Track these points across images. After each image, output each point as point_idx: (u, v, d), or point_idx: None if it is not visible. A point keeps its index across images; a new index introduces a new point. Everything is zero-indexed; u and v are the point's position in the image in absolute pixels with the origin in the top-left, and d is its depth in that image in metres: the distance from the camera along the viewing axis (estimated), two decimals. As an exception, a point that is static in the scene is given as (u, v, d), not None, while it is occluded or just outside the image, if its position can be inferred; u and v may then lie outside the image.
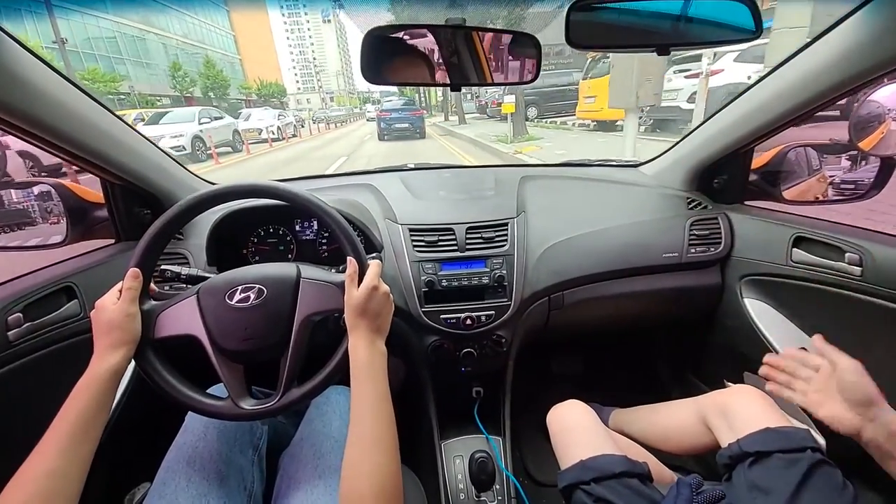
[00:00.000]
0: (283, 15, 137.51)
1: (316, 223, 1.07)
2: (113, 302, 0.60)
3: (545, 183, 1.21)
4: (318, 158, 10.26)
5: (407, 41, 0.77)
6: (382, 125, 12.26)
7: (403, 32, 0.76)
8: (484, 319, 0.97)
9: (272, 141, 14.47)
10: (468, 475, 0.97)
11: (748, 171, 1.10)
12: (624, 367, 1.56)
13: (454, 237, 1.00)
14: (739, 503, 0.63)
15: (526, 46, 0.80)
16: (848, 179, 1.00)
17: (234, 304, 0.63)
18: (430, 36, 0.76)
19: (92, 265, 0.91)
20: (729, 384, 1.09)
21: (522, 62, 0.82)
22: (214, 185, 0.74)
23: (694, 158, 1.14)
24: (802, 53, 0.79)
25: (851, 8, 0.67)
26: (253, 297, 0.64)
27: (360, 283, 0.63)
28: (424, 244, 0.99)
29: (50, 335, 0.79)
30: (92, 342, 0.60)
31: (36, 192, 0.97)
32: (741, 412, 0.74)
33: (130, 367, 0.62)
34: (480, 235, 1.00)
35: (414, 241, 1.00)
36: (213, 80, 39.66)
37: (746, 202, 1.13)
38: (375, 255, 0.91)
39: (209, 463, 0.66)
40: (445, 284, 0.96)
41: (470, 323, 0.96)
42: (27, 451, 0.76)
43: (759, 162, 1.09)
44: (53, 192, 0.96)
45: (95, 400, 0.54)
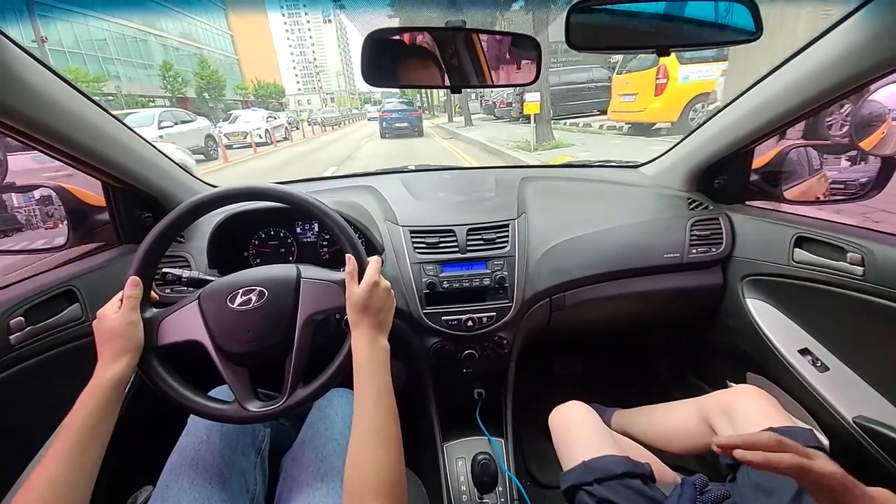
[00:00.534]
0: (283, 15, 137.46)
1: (317, 225, 1.07)
2: (114, 311, 0.60)
3: (546, 184, 1.21)
4: (308, 163, 9.67)
5: (407, 43, 0.77)
6: (384, 124, 13.38)
7: (404, 35, 0.76)
8: (485, 321, 0.97)
9: (257, 146, 12.76)
10: (470, 477, 0.97)
11: (749, 171, 1.10)
12: (626, 367, 1.56)
13: (455, 238, 1.00)
14: (743, 503, 0.63)
15: (525, 48, 0.80)
16: (848, 179, 1.00)
17: (235, 307, 0.63)
18: (430, 38, 0.77)
19: (93, 268, 0.91)
20: (731, 384, 1.09)
21: (522, 64, 0.82)
22: (215, 187, 0.74)
23: (694, 159, 1.14)
24: (802, 54, 0.79)
25: (852, 8, 0.67)
26: (254, 299, 0.64)
27: (360, 280, 0.63)
28: (425, 246, 0.99)
29: (51, 339, 0.79)
30: (94, 345, 0.60)
31: (37, 195, 0.97)
32: (744, 412, 0.74)
33: None
34: (481, 237, 1.00)
35: (415, 242, 1.00)
36: (206, 80, 38.49)
37: (747, 202, 1.13)
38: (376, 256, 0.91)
39: (212, 466, 0.66)
40: (446, 286, 0.96)
41: (471, 324, 0.96)
42: (30, 453, 0.77)
43: (759, 162, 1.09)
44: (54, 195, 0.96)
45: (99, 409, 0.54)
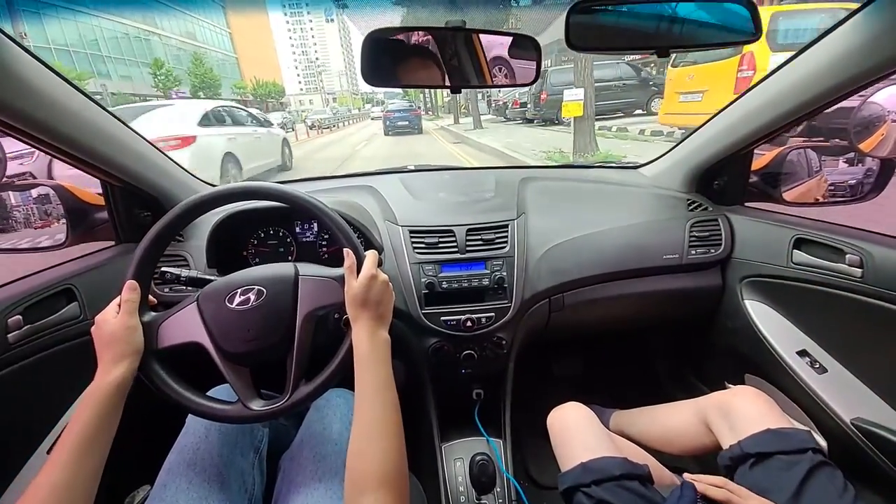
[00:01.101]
0: (285, 14, 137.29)
1: (316, 225, 1.07)
2: (113, 315, 0.60)
3: (545, 184, 1.21)
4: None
5: (407, 43, 0.77)
6: (388, 122, 15.17)
7: (403, 35, 0.76)
8: (484, 321, 0.97)
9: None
10: (469, 477, 0.97)
11: (748, 172, 1.10)
12: (624, 368, 1.56)
13: (454, 239, 1.00)
14: None
15: (526, 48, 0.80)
16: (848, 181, 1.00)
17: (234, 307, 0.63)
18: (430, 38, 0.77)
19: (92, 267, 0.91)
20: (729, 385, 1.09)
21: (522, 64, 0.82)
22: (214, 186, 0.74)
23: (694, 160, 1.14)
24: (802, 55, 0.79)
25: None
26: (253, 298, 0.64)
27: (358, 274, 0.63)
28: (424, 246, 0.99)
29: (50, 337, 0.79)
30: (92, 344, 0.60)
31: (34, 194, 0.97)
32: (742, 413, 0.74)
33: None
34: (480, 237, 1.00)
35: (414, 242, 1.00)
36: (200, 78, 36.73)
37: (747, 204, 1.13)
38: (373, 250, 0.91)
39: (210, 465, 0.66)
40: (446, 286, 0.96)
41: (470, 325, 0.96)
42: (28, 451, 0.77)
43: (759, 163, 1.09)
44: (52, 194, 0.96)
45: (101, 414, 0.54)
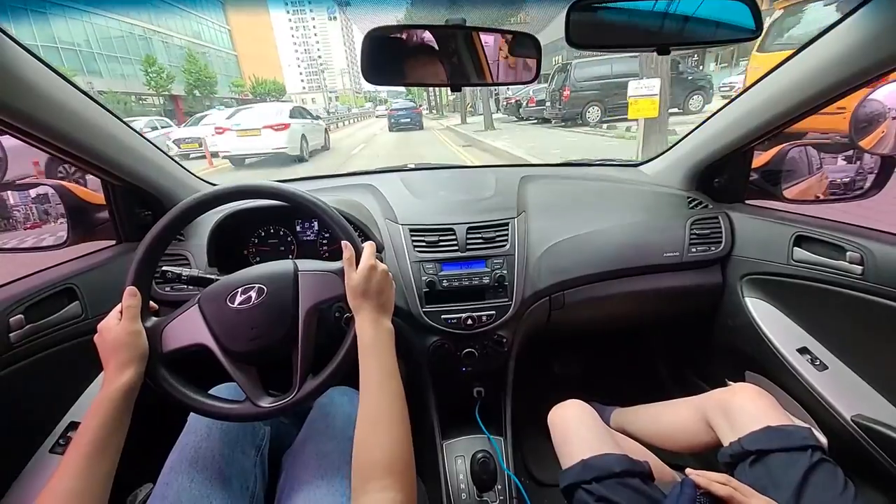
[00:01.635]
0: (287, 12, 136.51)
1: (317, 224, 1.07)
2: (115, 322, 0.60)
3: (545, 182, 1.21)
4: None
5: (407, 42, 0.77)
6: (392, 120, 16.76)
7: (403, 33, 0.76)
8: (485, 319, 0.97)
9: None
10: (470, 475, 0.97)
11: (749, 170, 1.10)
12: (625, 366, 1.56)
13: (455, 237, 1.00)
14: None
15: (526, 46, 0.80)
16: (848, 178, 1.00)
17: (236, 306, 0.63)
18: (430, 36, 0.76)
19: (93, 266, 0.91)
20: (730, 383, 1.09)
21: (523, 62, 0.82)
22: (214, 185, 0.74)
23: (694, 158, 1.14)
24: (802, 53, 0.79)
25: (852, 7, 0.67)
26: (254, 296, 0.64)
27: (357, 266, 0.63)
28: (425, 244, 0.99)
29: (51, 337, 0.79)
30: (94, 343, 0.60)
31: (33, 194, 0.97)
32: (742, 411, 0.74)
33: None
34: (481, 235, 1.00)
35: (414, 241, 1.00)
36: (195, 75, 35.29)
37: (747, 201, 1.13)
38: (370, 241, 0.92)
39: (212, 464, 0.66)
40: (446, 284, 0.96)
41: (471, 323, 0.96)
42: (30, 451, 0.77)
43: (759, 161, 1.09)
44: (52, 193, 0.95)
45: (110, 420, 0.54)
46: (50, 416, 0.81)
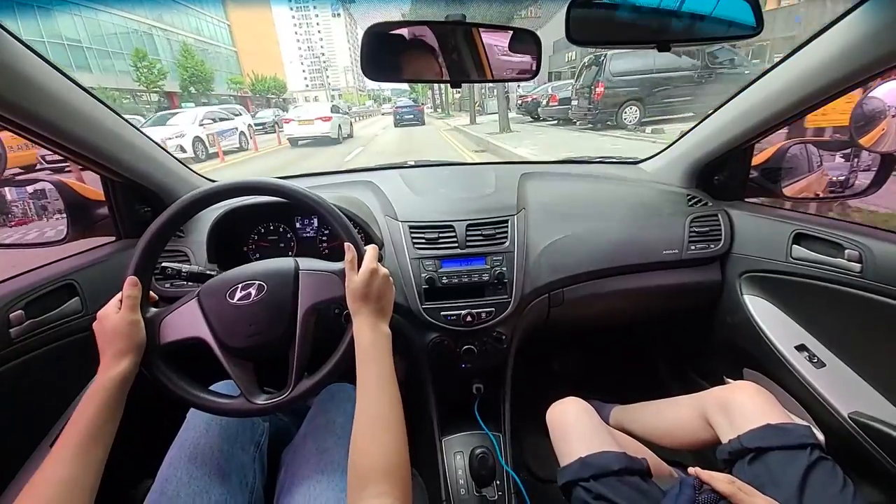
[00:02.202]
0: (291, 9, 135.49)
1: (316, 221, 1.07)
2: (114, 311, 0.60)
3: (545, 180, 1.21)
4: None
5: (407, 38, 0.76)
6: (397, 116, 18.55)
7: (404, 29, 0.76)
8: (484, 316, 0.97)
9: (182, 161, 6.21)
10: (469, 471, 0.98)
11: (748, 167, 1.10)
12: (624, 363, 1.56)
13: (454, 234, 1.00)
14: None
15: (526, 43, 0.80)
16: (847, 176, 1.00)
17: (235, 302, 0.63)
18: (430, 33, 0.76)
19: (93, 262, 0.91)
20: (729, 380, 1.09)
21: (522, 58, 0.82)
22: (214, 181, 0.74)
23: (694, 155, 1.14)
24: (802, 50, 0.79)
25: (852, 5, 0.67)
26: (254, 293, 0.64)
27: (359, 268, 0.63)
28: (425, 241, 0.99)
29: (51, 332, 0.79)
30: (94, 339, 0.60)
31: (31, 190, 0.97)
32: (741, 408, 0.75)
33: None
34: (481, 232, 1.00)
35: (414, 238, 1.00)
36: (190, 71, 33.15)
37: (747, 199, 1.13)
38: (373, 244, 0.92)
39: (211, 459, 0.66)
40: (446, 281, 0.97)
41: (470, 320, 0.96)
42: (30, 446, 0.77)
43: (759, 159, 1.09)
44: (50, 188, 0.95)
45: (104, 409, 0.54)
46: (51, 411, 0.81)
